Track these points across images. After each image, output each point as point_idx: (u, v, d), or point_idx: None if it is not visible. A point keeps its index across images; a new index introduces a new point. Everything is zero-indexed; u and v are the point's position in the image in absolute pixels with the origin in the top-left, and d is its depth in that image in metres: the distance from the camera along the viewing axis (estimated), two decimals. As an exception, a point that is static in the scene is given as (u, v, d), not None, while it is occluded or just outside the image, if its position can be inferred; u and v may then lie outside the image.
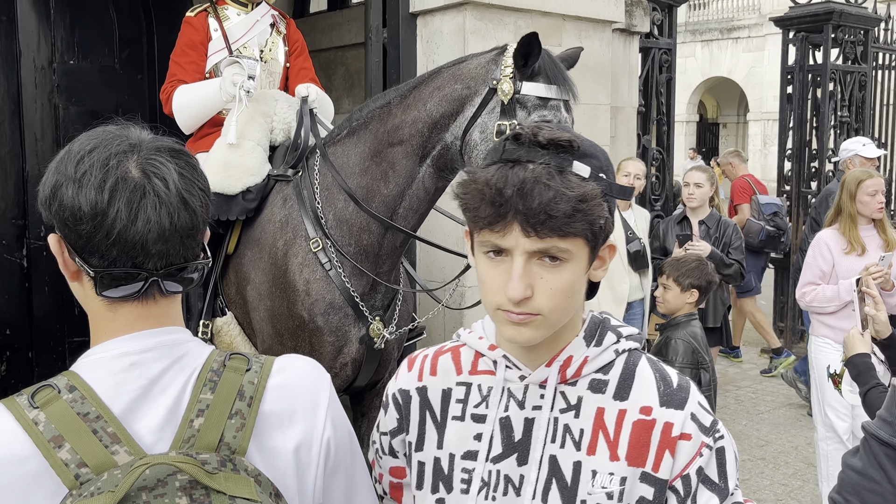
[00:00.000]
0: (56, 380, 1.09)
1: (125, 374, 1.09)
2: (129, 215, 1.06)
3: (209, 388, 1.11)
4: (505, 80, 2.79)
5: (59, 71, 6.13)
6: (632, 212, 5.10)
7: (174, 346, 1.14)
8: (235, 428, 1.09)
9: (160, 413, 1.09)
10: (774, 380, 7.16)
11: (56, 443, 1.01)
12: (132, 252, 1.08)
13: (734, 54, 28.21)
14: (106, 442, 1.03)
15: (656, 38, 5.97)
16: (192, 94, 3.65)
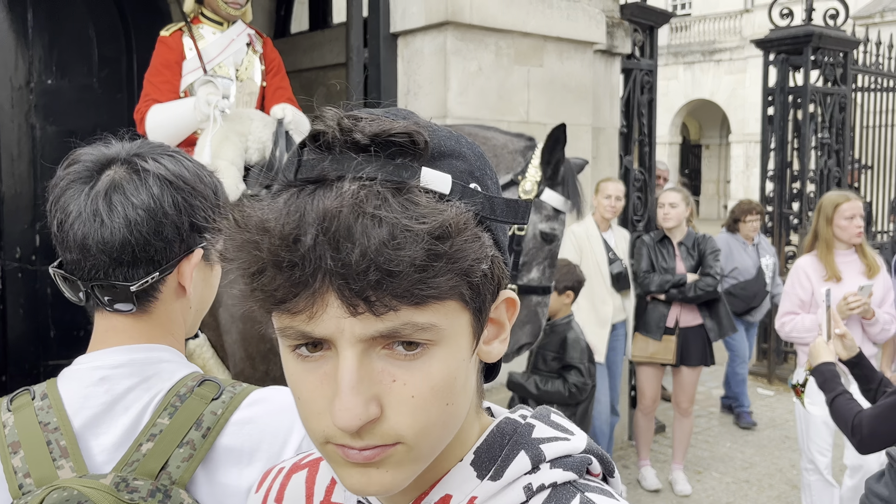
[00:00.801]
0: (38, 386, 1.12)
1: (94, 387, 1.09)
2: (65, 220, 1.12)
3: (168, 413, 1.07)
4: (530, 181, 2.82)
5: (36, 90, 6.06)
6: (612, 232, 5.07)
7: (146, 365, 1.11)
8: (182, 458, 1.05)
9: (117, 433, 1.07)
10: (759, 401, 7.13)
11: (13, 449, 1.03)
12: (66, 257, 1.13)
13: (716, 76, 28.51)
14: (55, 455, 1.03)
15: (638, 59, 5.98)
16: (166, 114, 3.60)
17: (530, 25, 4.78)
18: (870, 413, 2.61)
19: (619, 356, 5.11)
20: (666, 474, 5.34)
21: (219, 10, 3.77)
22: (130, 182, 1.13)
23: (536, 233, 2.80)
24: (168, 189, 1.14)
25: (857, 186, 8.71)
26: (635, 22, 5.86)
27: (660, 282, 4.95)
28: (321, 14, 6.91)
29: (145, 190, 1.13)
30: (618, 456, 5.68)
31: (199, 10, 3.85)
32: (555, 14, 4.90)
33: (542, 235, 2.81)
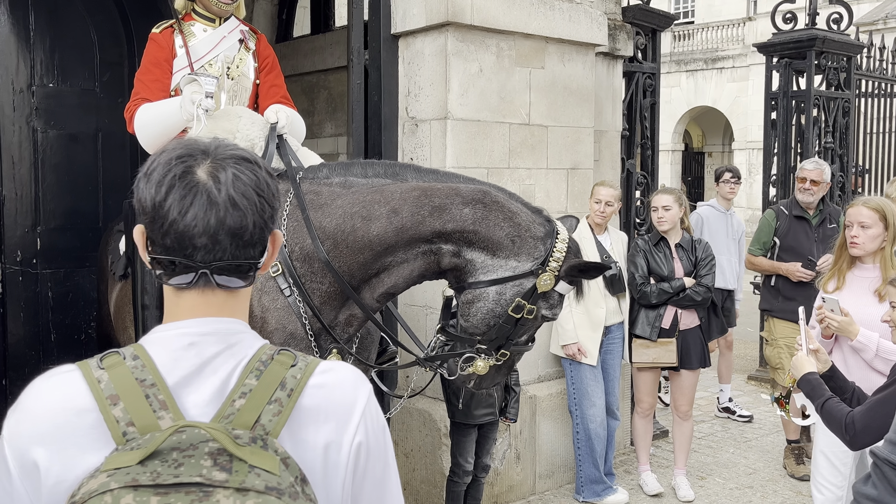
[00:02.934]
0: (124, 349, 1.22)
1: (183, 351, 1.21)
2: (181, 210, 1.19)
3: (255, 376, 1.21)
4: (550, 276, 2.94)
5: (38, 94, 6.06)
6: (608, 235, 5.02)
7: (229, 335, 1.24)
8: (272, 413, 1.19)
9: (208, 391, 1.19)
10: (762, 407, 7.08)
11: (112, 401, 1.14)
12: (183, 244, 1.20)
13: (719, 84, 28.51)
14: (155, 407, 1.14)
15: (640, 62, 5.96)
16: (153, 113, 3.56)
17: (532, 27, 4.77)
18: (860, 410, 2.81)
19: (615, 359, 5.07)
20: (669, 480, 5.30)
21: (210, 6, 3.73)
22: (239, 168, 1.23)
23: (541, 315, 3.01)
24: (260, 170, 1.27)
25: (861, 192, 8.67)
26: (637, 25, 5.85)
27: (658, 293, 4.92)
28: (323, 18, 6.92)
29: (251, 173, 1.24)
30: (619, 461, 5.64)
31: (190, 7, 3.80)
32: (556, 16, 4.89)
33: (544, 318, 3.03)
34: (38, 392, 1.18)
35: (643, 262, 4.98)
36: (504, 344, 3.00)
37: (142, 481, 1.05)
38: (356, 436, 1.25)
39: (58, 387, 1.18)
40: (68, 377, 1.19)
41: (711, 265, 5.00)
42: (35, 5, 6.01)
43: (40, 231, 6.10)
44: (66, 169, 6.18)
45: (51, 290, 6.15)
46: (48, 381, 1.19)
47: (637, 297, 4.99)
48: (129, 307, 3.68)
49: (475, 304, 2.94)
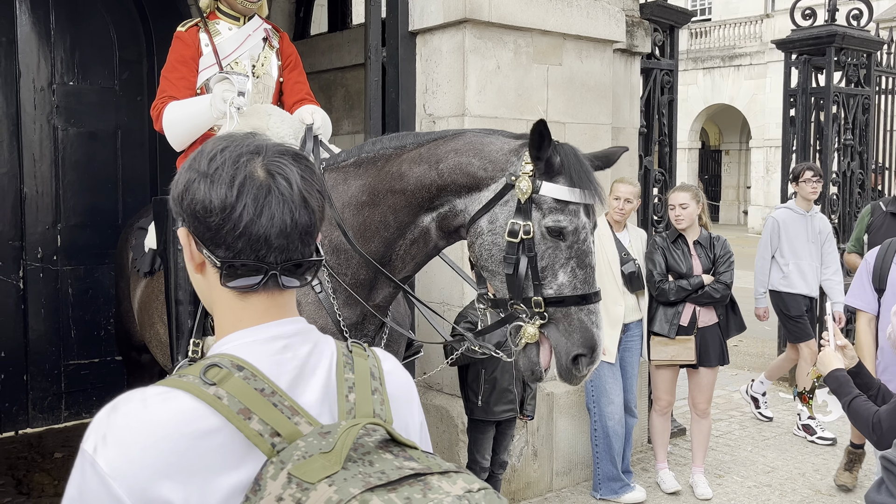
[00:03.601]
0: (217, 360, 1.14)
1: (281, 355, 1.17)
2: (256, 210, 1.14)
3: (349, 369, 1.22)
4: (524, 179, 2.63)
5: (58, 92, 6.11)
6: (626, 232, 5.00)
7: (309, 333, 1.24)
8: (379, 402, 1.20)
9: (317, 390, 1.18)
10: (781, 405, 7.05)
11: (245, 415, 1.07)
12: (256, 245, 1.15)
13: (736, 81, 28.36)
14: (287, 414, 1.10)
15: (658, 58, 5.94)
16: (182, 111, 3.59)
17: (549, 23, 4.76)
18: (886, 409, 2.76)
19: (634, 357, 5.06)
20: (686, 478, 5.28)
21: (234, 4, 3.76)
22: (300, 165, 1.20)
23: (543, 231, 2.61)
24: (314, 167, 1.25)
25: (881, 189, 8.60)
26: (655, 21, 5.83)
27: (677, 291, 4.90)
28: (340, 15, 6.93)
29: (311, 170, 1.22)
30: (637, 459, 5.62)
31: (215, 6, 3.83)
32: (574, 12, 4.88)
33: (550, 232, 2.60)
34: (141, 420, 1.06)
35: (661, 260, 4.96)
36: (534, 290, 2.61)
37: (373, 482, 1.00)
38: (419, 415, 1.32)
39: (168, 411, 1.07)
40: (172, 398, 1.08)
41: (730, 262, 4.98)
42: (56, 4, 6.06)
43: (60, 228, 6.16)
44: (86, 166, 6.24)
45: (71, 286, 6.22)
46: (149, 407, 1.08)
47: (655, 295, 4.98)
48: (156, 303, 3.71)
49: (476, 243, 2.75)
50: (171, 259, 3.44)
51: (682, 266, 4.93)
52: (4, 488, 4.97)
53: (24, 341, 6.02)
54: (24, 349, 6.02)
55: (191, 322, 3.40)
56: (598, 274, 4.74)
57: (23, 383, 6.03)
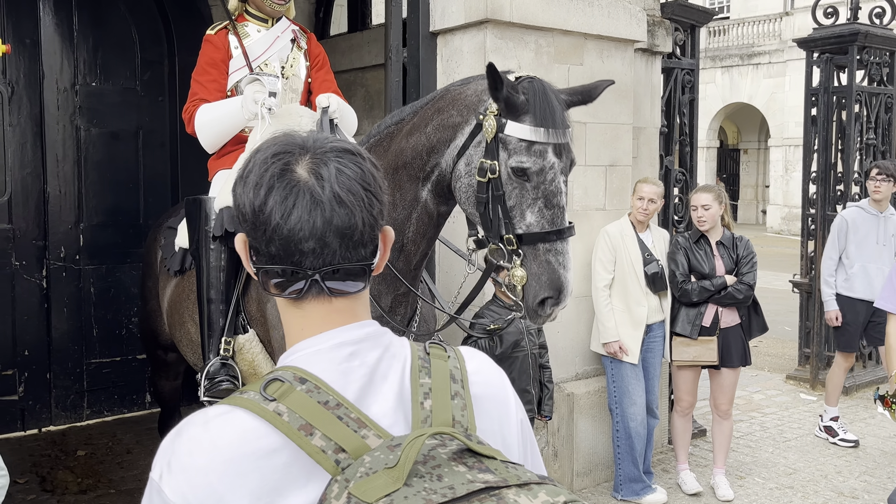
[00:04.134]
0: (279, 373, 1.08)
1: (347, 363, 1.10)
2: (283, 213, 1.08)
3: (425, 373, 1.13)
4: (489, 117, 2.64)
5: (81, 93, 6.17)
6: (650, 233, 4.98)
7: (379, 337, 1.16)
8: (460, 408, 1.11)
9: (390, 398, 1.10)
10: (802, 407, 7.00)
11: (306, 431, 1.01)
12: (288, 250, 1.09)
13: (755, 80, 28.16)
14: (353, 427, 1.03)
15: (679, 58, 5.92)
16: (214, 113, 3.63)
17: (571, 23, 4.75)
18: None
19: (656, 358, 5.04)
20: (707, 479, 5.26)
21: (263, 6, 3.79)
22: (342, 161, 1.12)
23: (508, 171, 2.60)
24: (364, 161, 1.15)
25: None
26: (676, 21, 5.80)
27: (700, 291, 4.87)
28: (360, 16, 6.94)
29: (355, 166, 1.13)
30: (658, 460, 5.60)
31: (243, 8, 3.87)
32: (595, 12, 4.87)
33: (514, 172, 2.59)
34: (201, 444, 1.03)
35: (684, 260, 4.94)
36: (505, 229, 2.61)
37: (435, 500, 0.94)
38: (517, 413, 1.22)
39: (229, 432, 1.03)
40: (233, 419, 1.04)
41: (753, 263, 4.96)
42: (78, 6, 6.11)
43: (83, 228, 6.21)
44: (108, 166, 6.29)
45: (93, 285, 6.27)
46: (209, 429, 1.04)
47: (678, 296, 4.95)
48: (187, 302, 3.73)
49: (456, 187, 2.76)
50: (203, 258, 3.48)
51: (704, 267, 4.91)
52: (29, 485, 5.02)
53: (48, 340, 6.08)
54: (48, 347, 6.08)
55: (222, 321, 3.42)
56: (622, 274, 4.79)
57: (46, 381, 6.08)
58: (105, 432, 6.06)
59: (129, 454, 5.62)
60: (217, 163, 3.81)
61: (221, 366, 3.35)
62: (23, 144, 5.93)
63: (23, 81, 5.90)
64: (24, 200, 5.95)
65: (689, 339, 4.94)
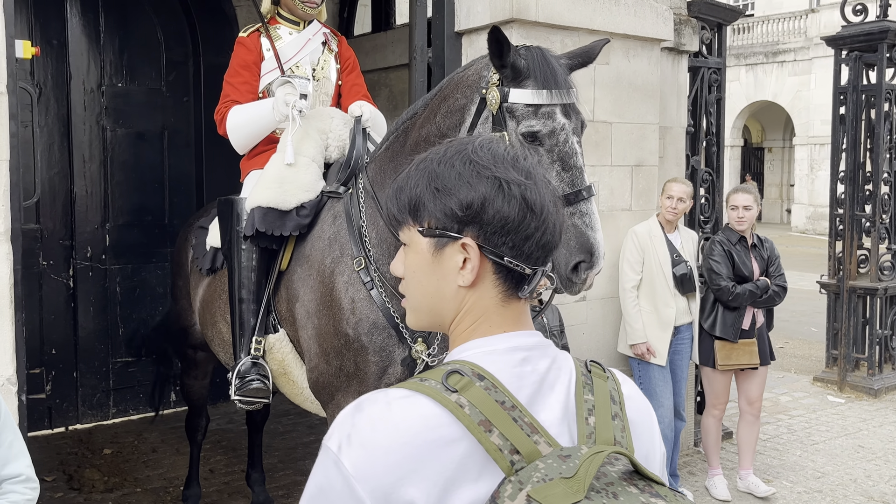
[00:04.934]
0: (458, 366, 1.09)
1: (520, 368, 1.12)
2: (555, 220, 1.17)
3: (588, 390, 1.15)
4: (492, 89, 2.62)
5: (107, 93, 6.21)
6: (678, 233, 4.93)
7: (548, 347, 1.17)
8: (619, 428, 1.12)
9: (557, 409, 1.11)
10: (829, 409, 6.92)
11: (485, 427, 1.03)
12: (547, 248, 1.17)
13: (779, 78, 27.90)
14: (527, 431, 1.04)
15: (705, 57, 5.86)
16: (245, 115, 3.66)
17: (597, 22, 4.72)
18: None
19: (683, 360, 4.98)
20: (732, 481, 5.20)
21: (295, 10, 3.82)
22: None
23: (519, 138, 2.57)
24: None
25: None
26: (703, 19, 5.74)
27: (749, 295, 4.79)
28: (384, 16, 6.94)
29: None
30: (683, 462, 5.55)
31: (275, 11, 3.91)
32: (621, 11, 4.83)
33: (525, 138, 2.56)
34: (385, 422, 1.05)
35: (728, 263, 4.86)
36: None
37: None
38: (660, 445, 1.23)
39: (412, 416, 1.05)
40: (415, 403, 1.06)
41: (780, 263, 4.94)
42: (105, 7, 6.15)
43: (109, 227, 6.26)
44: (134, 166, 6.33)
45: (119, 285, 6.31)
46: (392, 410, 1.06)
47: (728, 299, 4.82)
48: (219, 302, 3.76)
49: None
50: (235, 258, 3.51)
51: (745, 269, 4.86)
52: (56, 483, 5.06)
53: (74, 339, 6.13)
54: (74, 346, 6.13)
55: (253, 320, 3.44)
56: (650, 275, 4.75)
57: (73, 380, 6.14)
58: (131, 431, 6.10)
59: (154, 453, 5.66)
60: (249, 163, 3.84)
61: (252, 365, 3.37)
62: (50, 145, 5.98)
63: (50, 83, 5.95)
64: (52, 201, 6.00)
65: (731, 342, 4.88)
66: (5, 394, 3.08)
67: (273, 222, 3.31)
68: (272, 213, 3.31)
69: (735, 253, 4.88)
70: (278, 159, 3.46)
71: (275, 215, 3.31)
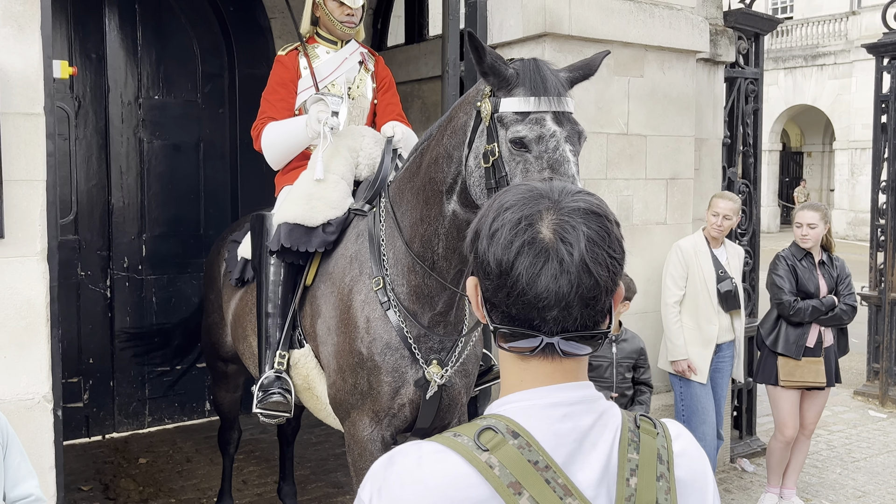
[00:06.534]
0: (493, 422, 1.08)
1: (560, 425, 1.08)
2: (529, 279, 1.06)
3: (633, 448, 1.11)
4: (485, 100, 2.58)
5: (144, 105, 6.29)
6: (724, 249, 4.84)
7: (595, 402, 1.13)
8: (664, 490, 1.09)
9: (596, 469, 1.08)
10: (871, 424, 6.77)
11: (515, 489, 1.01)
12: (529, 313, 1.08)
13: (819, 81, 27.46)
14: (560, 493, 1.02)
15: (742, 67, 5.77)
16: (279, 131, 3.71)
17: (631, 35, 4.67)
18: None
19: (724, 378, 4.90)
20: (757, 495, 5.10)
21: (334, 30, 3.86)
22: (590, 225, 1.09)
23: (508, 147, 2.51)
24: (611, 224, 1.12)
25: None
26: (739, 29, 5.67)
27: (812, 311, 4.70)
28: (417, 27, 6.94)
29: (601, 229, 1.10)
30: (720, 479, 5.46)
31: (314, 31, 3.96)
32: (656, 23, 4.78)
33: (513, 145, 2.49)
34: (414, 478, 1.04)
35: (792, 278, 4.77)
36: None
37: None
38: (715, 500, 1.18)
39: (441, 473, 1.04)
40: (446, 460, 1.05)
41: (850, 283, 4.83)
42: (143, 20, 6.24)
43: (145, 238, 6.33)
44: (170, 178, 6.40)
45: (155, 294, 6.38)
46: (423, 467, 1.05)
47: (789, 314, 4.73)
48: (249, 316, 3.80)
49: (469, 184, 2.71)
50: (263, 272, 3.55)
51: (810, 286, 4.76)
52: (93, 493, 5.12)
53: (111, 348, 6.21)
54: (111, 356, 6.21)
55: (278, 334, 3.47)
56: (693, 291, 4.69)
57: (109, 389, 6.21)
58: (166, 440, 6.16)
59: (188, 463, 5.70)
60: (283, 178, 3.88)
61: (276, 378, 3.39)
62: (88, 157, 6.07)
63: (89, 96, 6.04)
64: (90, 212, 6.09)
65: (795, 360, 4.77)
66: (41, 410, 3.13)
67: (299, 238, 3.34)
68: (298, 228, 3.35)
69: (800, 269, 4.78)
70: (307, 175, 3.50)
71: (301, 231, 3.34)
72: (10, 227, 3.00)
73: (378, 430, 3.13)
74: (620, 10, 4.61)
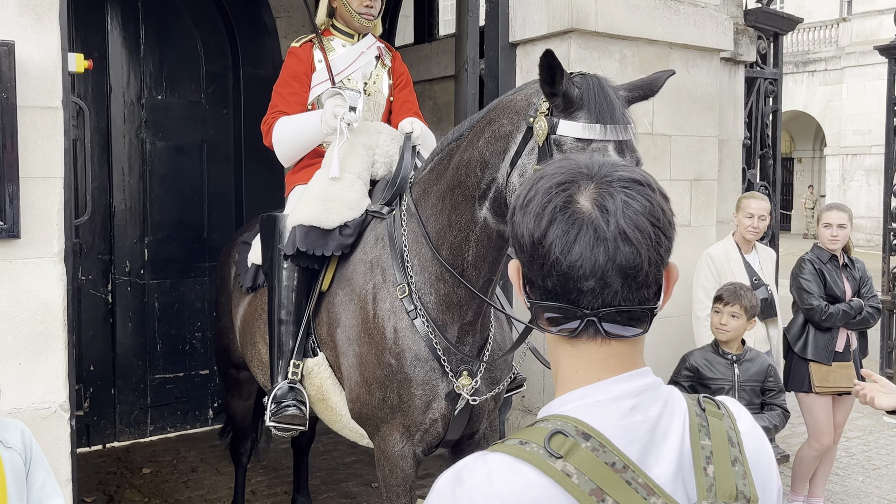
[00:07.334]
0: (560, 425, 1.00)
1: (629, 418, 1.02)
2: (563, 248, 1.00)
3: (704, 434, 1.05)
4: (540, 118, 2.42)
5: (147, 106, 6.12)
6: (756, 254, 4.69)
7: (659, 388, 1.07)
8: (741, 475, 1.03)
9: (670, 460, 1.02)
10: (886, 430, 6.67)
11: (597, 496, 0.95)
12: (566, 287, 1.01)
13: (810, 88, 27.56)
14: (643, 494, 0.97)
15: (762, 67, 5.68)
16: (292, 126, 3.53)
17: (656, 32, 4.56)
18: None
19: None
20: (793, 509, 5.00)
21: (351, 22, 3.69)
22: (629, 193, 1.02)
23: None
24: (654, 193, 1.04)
25: None
26: (760, 28, 5.58)
27: (843, 316, 4.58)
28: (427, 27, 6.82)
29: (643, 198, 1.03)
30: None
31: (329, 23, 3.78)
32: (681, 21, 4.67)
33: None
34: (487, 496, 0.97)
35: (820, 282, 4.65)
36: None
37: None
38: (777, 481, 1.13)
39: (517, 489, 0.97)
40: (520, 472, 0.97)
41: (872, 285, 4.73)
42: (145, 19, 6.08)
43: (148, 242, 6.16)
44: (173, 180, 6.23)
45: (157, 300, 6.21)
46: (495, 483, 0.98)
47: (821, 319, 4.60)
48: (259, 322, 3.62)
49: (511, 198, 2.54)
50: (275, 277, 3.36)
51: (836, 289, 4.65)
52: (97, 505, 4.94)
53: (112, 355, 6.03)
54: (112, 363, 6.03)
55: (292, 342, 3.30)
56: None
57: (110, 397, 6.03)
58: (169, 449, 5.98)
59: (193, 472, 5.53)
60: (294, 177, 3.71)
61: (289, 389, 3.23)
62: (90, 158, 5.89)
63: (91, 95, 5.87)
64: (91, 215, 5.90)
65: (826, 365, 4.65)
66: (58, 420, 2.96)
67: (315, 241, 3.16)
68: (314, 231, 3.17)
69: (826, 272, 4.65)
70: (322, 175, 3.33)
71: (317, 234, 3.17)
72: (26, 226, 2.83)
73: (409, 445, 2.97)
74: (646, 6, 4.50)
